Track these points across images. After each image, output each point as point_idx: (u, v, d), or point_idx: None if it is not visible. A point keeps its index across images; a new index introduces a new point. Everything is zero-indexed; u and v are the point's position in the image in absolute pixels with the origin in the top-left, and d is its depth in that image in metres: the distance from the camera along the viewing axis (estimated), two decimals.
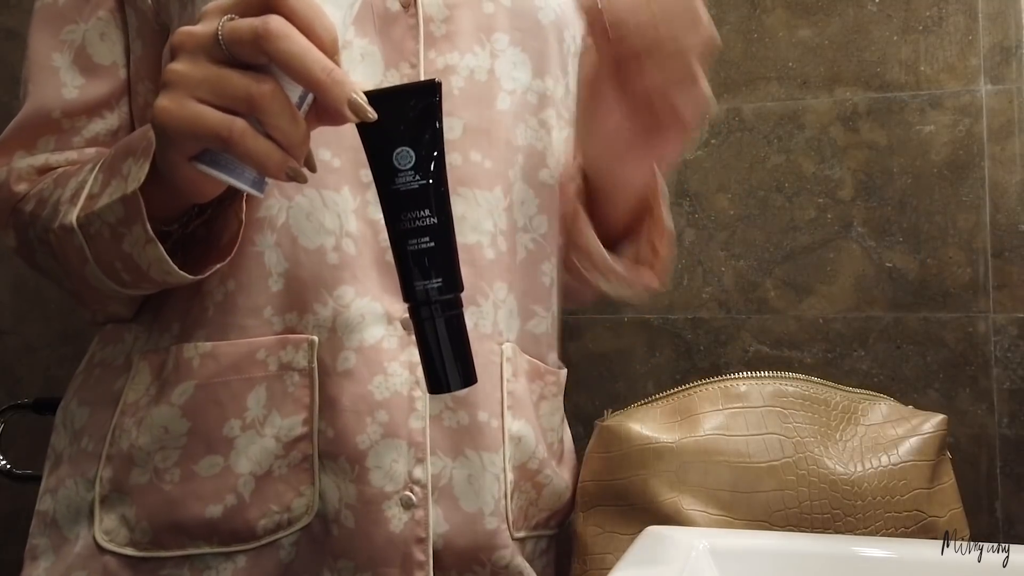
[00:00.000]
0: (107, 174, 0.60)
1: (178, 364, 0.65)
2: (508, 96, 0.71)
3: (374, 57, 0.66)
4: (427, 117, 0.51)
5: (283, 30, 0.47)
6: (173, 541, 0.64)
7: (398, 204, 0.51)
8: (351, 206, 0.66)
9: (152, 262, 0.59)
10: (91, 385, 0.70)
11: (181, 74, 0.50)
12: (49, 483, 0.69)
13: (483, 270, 0.68)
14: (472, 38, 0.69)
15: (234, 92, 0.49)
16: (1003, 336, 1.14)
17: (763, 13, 1.25)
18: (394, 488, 0.64)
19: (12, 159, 0.69)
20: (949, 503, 0.70)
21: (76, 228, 0.61)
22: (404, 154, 0.51)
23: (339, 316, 0.64)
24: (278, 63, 0.48)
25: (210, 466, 0.63)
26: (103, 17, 0.71)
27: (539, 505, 0.73)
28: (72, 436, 0.69)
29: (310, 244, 0.65)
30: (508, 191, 0.70)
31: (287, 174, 0.50)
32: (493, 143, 0.70)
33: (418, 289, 0.52)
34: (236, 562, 0.64)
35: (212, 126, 0.49)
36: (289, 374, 0.64)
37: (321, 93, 0.48)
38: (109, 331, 0.72)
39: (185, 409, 0.64)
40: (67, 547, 0.66)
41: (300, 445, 0.64)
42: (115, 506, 0.65)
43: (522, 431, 0.70)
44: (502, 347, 0.69)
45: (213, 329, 0.65)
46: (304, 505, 0.64)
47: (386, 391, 0.64)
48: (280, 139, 0.49)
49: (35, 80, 0.70)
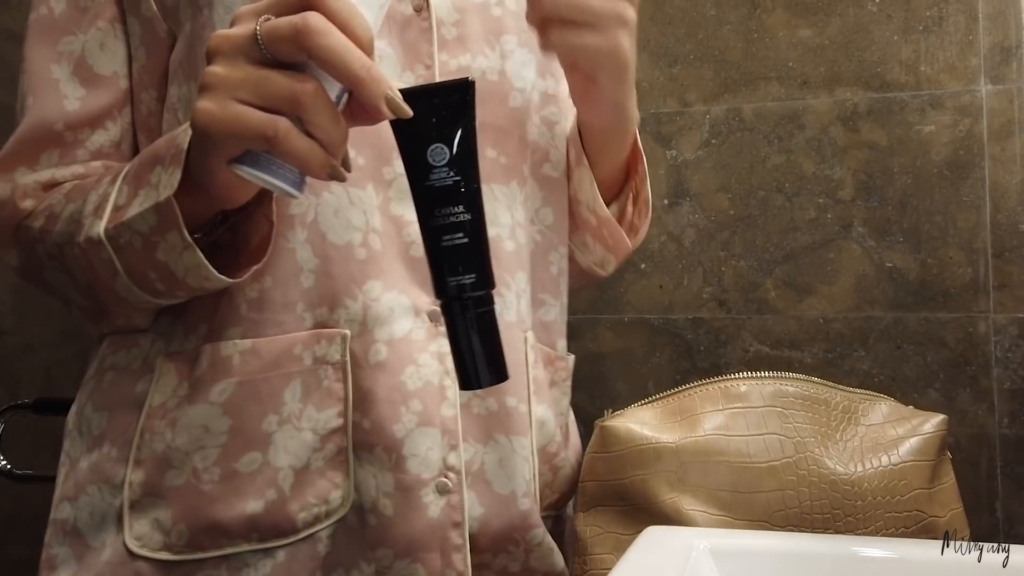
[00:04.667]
0: (133, 185, 0.61)
1: (215, 362, 0.65)
2: (519, 94, 0.73)
3: (392, 59, 0.68)
4: (461, 114, 0.52)
5: (323, 27, 0.48)
6: (211, 542, 0.64)
7: (432, 200, 0.52)
8: (375, 202, 0.67)
9: (189, 268, 0.59)
10: (105, 390, 0.70)
11: (221, 76, 0.50)
12: (67, 490, 0.68)
13: (504, 262, 0.70)
14: (482, 40, 0.71)
15: (277, 91, 0.49)
16: (1003, 336, 1.14)
17: (763, 13, 1.25)
18: (430, 475, 0.65)
19: (15, 175, 0.69)
20: (949, 503, 0.70)
21: (104, 240, 0.61)
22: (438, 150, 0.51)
23: (369, 310, 0.65)
24: (318, 59, 0.48)
25: (250, 462, 0.64)
26: (103, 27, 0.70)
27: (553, 487, 0.75)
28: (91, 442, 0.69)
29: (339, 240, 0.66)
30: (523, 185, 0.73)
31: (328, 173, 0.51)
32: (508, 140, 0.72)
33: (451, 285, 0.52)
34: (275, 558, 0.64)
35: (255, 126, 0.49)
36: (323, 368, 0.65)
37: (360, 90, 0.49)
38: (121, 336, 0.71)
39: (226, 407, 0.64)
40: (92, 556, 0.65)
41: (335, 437, 0.65)
42: (147, 510, 0.65)
43: (544, 415, 0.72)
44: (526, 335, 0.72)
45: (248, 326, 0.65)
46: (340, 497, 0.65)
47: (418, 381, 0.66)
48: (322, 138, 0.50)
49: (35, 93, 0.69)
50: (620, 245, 0.78)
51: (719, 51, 1.26)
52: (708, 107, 1.26)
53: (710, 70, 1.27)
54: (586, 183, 0.75)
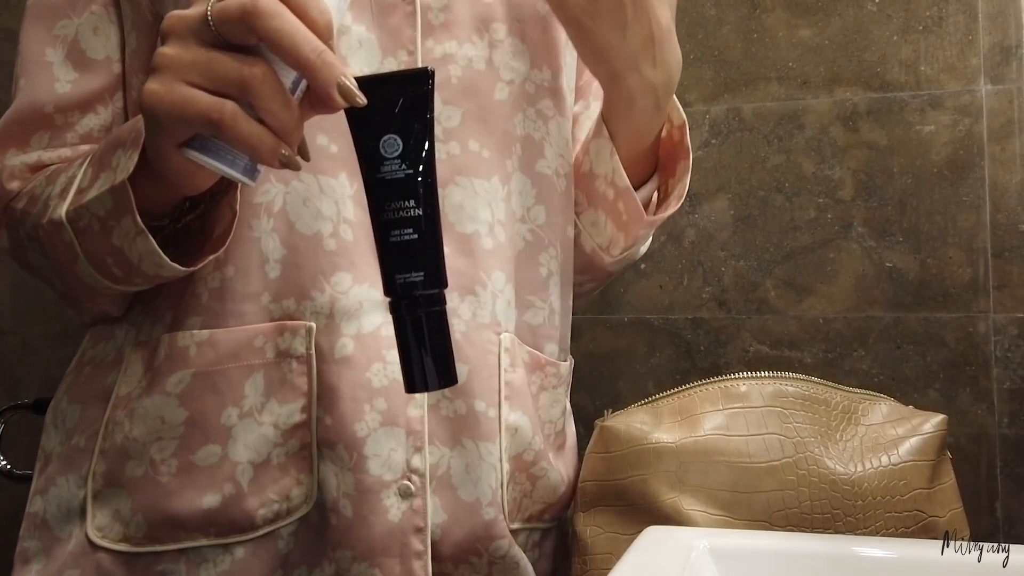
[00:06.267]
0: (96, 167, 0.60)
1: (172, 353, 0.64)
2: (506, 86, 0.70)
3: (371, 44, 0.66)
4: (418, 106, 0.50)
5: (273, 8, 0.47)
6: (169, 535, 0.63)
7: (382, 193, 0.50)
8: (348, 192, 0.65)
9: (143, 255, 0.58)
10: (81, 383, 0.69)
11: (171, 57, 0.49)
12: (39, 484, 0.68)
13: (481, 259, 0.68)
14: (470, 28, 0.69)
15: (225, 74, 0.48)
16: (1003, 336, 1.14)
17: (763, 13, 1.25)
18: (392, 477, 0.63)
19: (5, 157, 0.69)
20: (949, 503, 0.70)
21: (65, 222, 0.60)
22: (391, 142, 0.50)
23: (337, 303, 0.64)
24: (267, 42, 0.47)
25: (207, 455, 0.63)
26: (96, 11, 0.70)
27: (533, 497, 0.72)
28: (64, 435, 0.68)
29: (307, 230, 0.64)
30: (506, 180, 0.70)
31: (280, 160, 0.49)
32: (491, 132, 0.70)
33: (398, 282, 0.50)
34: (234, 554, 0.63)
35: (202, 109, 0.48)
36: (287, 361, 0.64)
37: (310, 74, 0.47)
38: (100, 329, 0.71)
39: (182, 398, 0.63)
40: (59, 547, 0.65)
41: (298, 433, 0.64)
42: (109, 501, 0.64)
43: (519, 422, 0.69)
44: (500, 337, 0.69)
45: (209, 316, 0.64)
46: (303, 494, 0.64)
47: (384, 379, 0.64)
48: (272, 123, 0.48)
49: (27, 75, 0.69)
50: (634, 220, 0.73)
51: (719, 51, 1.26)
52: (708, 107, 1.26)
53: (710, 70, 1.27)
54: (605, 152, 0.71)
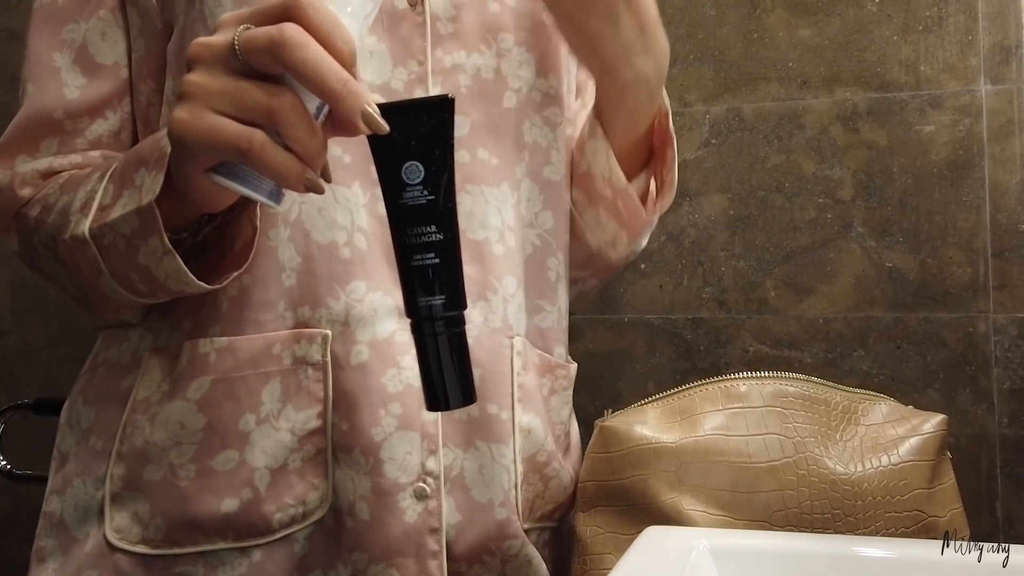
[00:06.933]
0: (118, 184, 0.60)
1: (193, 359, 0.65)
2: (514, 95, 0.72)
3: (382, 55, 0.67)
4: (439, 133, 0.51)
5: (300, 39, 0.47)
6: (187, 538, 0.64)
7: (405, 218, 0.51)
8: (362, 201, 0.66)
9: (170, 273, 0.59)
10: (96, 384, 0.70)
11: (198, 85, 0.50)
12: (55, 483, 0.69)
13: (491, 265, 0.69)
14: (478, 37, 0.70)
15: (253, 103, 0.48)
16: (1003, 336, 1.14)
17: (763, 13, 1.25)
18: (408, 479, 0.64)
19: (15, 162, 0.69)
20: (949, 503, 0.70)
21: (89, 239, 0.61)
22: (413, 168, 0.51)
23: (352, 310, 0.65)
24: (293, 72, 0.48)
25: (226, 461, 0.64)
26: (104, 16, 0.70)
27: (545, 497, 0.73)
28: (80, 436, 0.69)
29: (322, 239, 0.65)
30: (516, 187, 0.72)
31: (305, 185, 0.50)
32: (500, 140, 0.71)
33: (421, 305, 0.51)
34: (251, 557, 0.64)
35: (231, 138, 0.49)
36: (303, 368, 0.65)
37: (335, 103, 0.48)
38: (113, 331, 0.72)
39: (201, 404, 0.64)
40: (76, 547, 0.66)
41: (314, 438, 0.65)
42: (127, 503, 0.65)
43: (531, 424, 0.71)
44: (512, 340, 0.70)
45: (228, 324, 0.65)
46: (318, 498, 0.65)
47: (399, 384, 0.65)
48: (299, 150, 0.49)
49: (35, 80, 0.69)
50: (635, 217, 0.75)
51: (719, 51, 1.26)
52: (708, 107, 1.26)
53: (710, 70, 1.27)
54: (601, 153, 0.73)
